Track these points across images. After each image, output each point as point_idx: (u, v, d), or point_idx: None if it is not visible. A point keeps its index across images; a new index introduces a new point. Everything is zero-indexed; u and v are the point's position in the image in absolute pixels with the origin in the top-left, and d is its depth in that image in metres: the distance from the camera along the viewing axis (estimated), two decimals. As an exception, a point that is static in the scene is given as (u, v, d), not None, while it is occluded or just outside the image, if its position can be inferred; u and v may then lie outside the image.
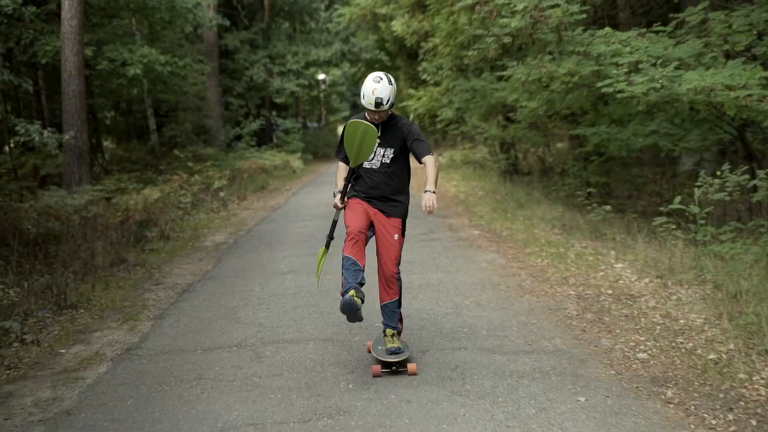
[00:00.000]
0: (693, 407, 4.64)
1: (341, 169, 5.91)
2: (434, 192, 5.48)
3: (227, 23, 29.59)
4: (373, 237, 5.86)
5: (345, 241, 5.61)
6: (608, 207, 10.76)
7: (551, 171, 16.86)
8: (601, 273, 8.32)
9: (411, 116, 27.33)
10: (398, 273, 5.82)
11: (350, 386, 5.31)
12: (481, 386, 5.18)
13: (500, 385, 5.18)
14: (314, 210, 16.02)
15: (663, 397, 4.84)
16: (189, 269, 10.41)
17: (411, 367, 5.52)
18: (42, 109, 21.68)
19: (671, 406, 4.69)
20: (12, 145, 17.92)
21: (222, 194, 18.98)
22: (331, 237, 5.96)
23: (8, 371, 6.20)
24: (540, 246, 10.18)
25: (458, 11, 12.22)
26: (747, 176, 7.59)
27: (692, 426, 4.37)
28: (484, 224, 12.84)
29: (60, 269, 9.46)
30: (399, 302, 5.87)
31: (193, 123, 28.09)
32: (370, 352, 5.93)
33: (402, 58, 31.16)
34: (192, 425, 4.79)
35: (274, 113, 37.03)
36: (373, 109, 5.58)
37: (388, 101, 5.55)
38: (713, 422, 4.41)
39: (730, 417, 4.45)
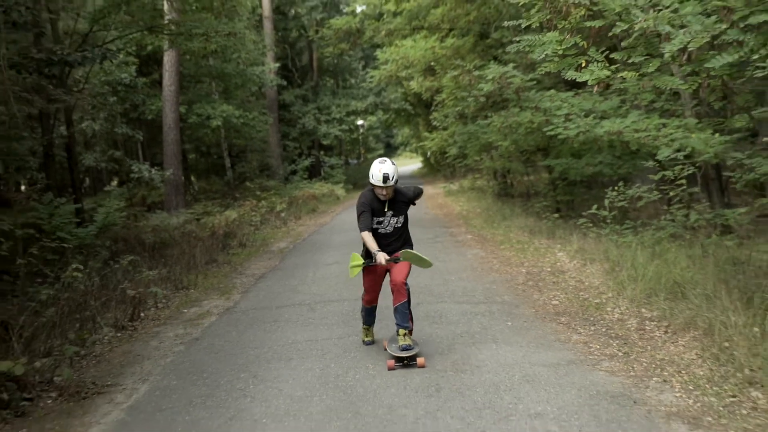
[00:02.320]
0: (573, 325, 6.49)
1: (369, 237, 5.75)
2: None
3: (284, 83, 30.96)
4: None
5: (363, 298, 6.28)
6: (556, 215, 12.42)
7: (532, 193, 18.25)
8: (547, 259, 10.06)
9: (429, 154, 28.87)
10: (406, 284, 5.84)
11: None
12: (450, 319, 7.03)
13: (462, 318, 7.03)
14: (353, 225, 17.54)
15: (558, 321, 6.68)
16: (262, 265, 12.14)
17: (420, 360, 5.57)
18: (144, 153, 23.74)
19: (561, 325, 6.53)
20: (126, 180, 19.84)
21: (283, 215, 19.98)
22: (368, 264, 5.96)
23: (153, 321, 8.13)
24: (511, 244, 11.84)
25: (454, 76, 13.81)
26: (637, 190, 9.31)
27: (569, 332, 6.23)
28: (476, 231, 14.39)
29: (173, 265, 11.34)
30: (409, 303, 5.87)
31: (258, 161, 29.08)
32: (386, 349, 5.89)
33: (420, 108, 32.53)
34: (274, 342, 6.69)
35: (322, 152, 37.73)
36: (382, 184, 5.66)
37: (393, 177, 5.64)
38: (581, 330, 6.26)
39: (592, 328, 6.30)
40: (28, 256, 8.21)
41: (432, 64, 19.47)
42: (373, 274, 6.07)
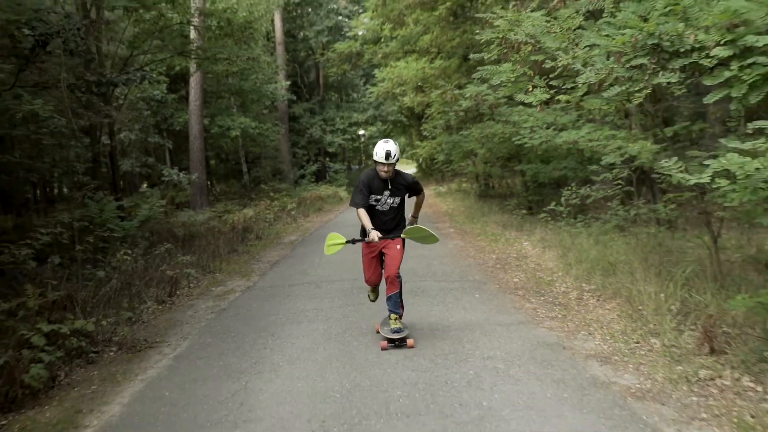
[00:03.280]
0: (528, 296, 7.27)
1: (364, 214, 5.67)
2: (417, 218, 6.25)
3: (294, 98, 31.62)
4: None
5: (365, 280, 6.11)
6: (524, 211, 13.19)
7: (508, 194, 18.96)
8: (514, 247, 10.83)
9: (420, 159, 29.52)
10: (399, 275, 5.78)
11: (363, 295, 7.94)
12: (430, 293, 7.81)
13: (440, 293, 7.81)
14: (353, 221, 18.31)
15: (517, 293, 7.47)
16: (276, 254, 12.89)
17: (409, 342, 5.60)
18: (172, 159, 24.46)
19: (518, 296, 7.32)
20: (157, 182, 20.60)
21: (293, 213, 20.49)
22: (353, 242, 5.89)
23: (187, 297, 8.89)
24: (486, 236, 12.59)
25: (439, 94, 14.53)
26: (587, 190, 10.12)
27: (523, 302, 7.02)
28: (458, 226, 15.14)
29: (201, 253, 12.05)
30: (400, 293, 5.84)
31: (271, 167, 29.61)
32: (378, 332, 5.99)
33: (413, 120, 33.12)
34: (287, 310, 7.47)
35: (327, 159, 38.18)
36: (384, 161, 5.54)
37: (394, 155, 5.53)
38: (533, 300, 7.05)
39: (542, 298, 7.10)
40: (84, 243, 9.01)
41: (419, 84, 20.07)
42: (367, 257, 5.99)
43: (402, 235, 5.75)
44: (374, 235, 5.52)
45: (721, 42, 3.82)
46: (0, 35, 7.78)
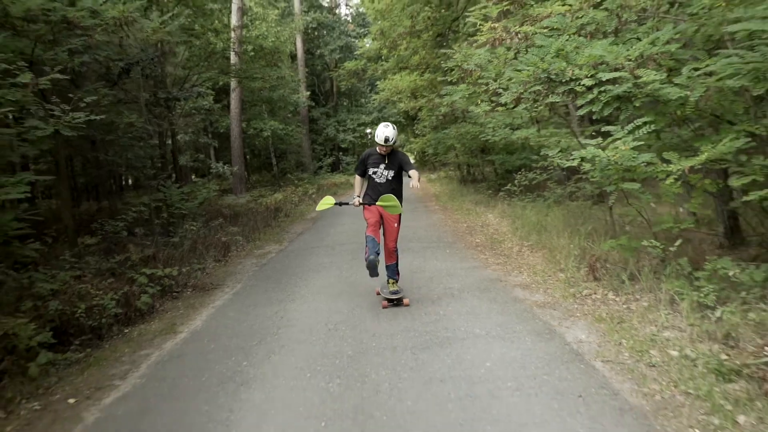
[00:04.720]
0: (484, 251, 8.38)
1: (358, 182, 5.83)
2: (417, 176, 5.43)
3: (313, 104, 32.36)
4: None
5: (366, 227, 5.69)
6: (490, 190, 14.24)
7: (481, 179, 19.94)
8: (481, 218, 11.89)
9: (415, 153, 30.50)
10: (396, 248, 5.85)
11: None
12: (414, 250, 8.89)
13: (421, 249, 8.90)
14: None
15: (476, 249, 8.57)
16: (300, 227, 13.94)
17: (405, 301, 5.68)
18: (216, 155, 25.52)
19: (477, 251, 8.43)
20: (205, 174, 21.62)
21: (313, 196, 21.15)
22: (340, 204, 5.88)
23: (236, 257, 10.05)
24: (461, 211, 13.61)
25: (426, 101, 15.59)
26: (534, 174, 11.20)
27: (479, 254, 8.14)
28: (441, 204, 16.13)
29: (243, 227, 13.18)
30: (397, 263, 5.92)
31: (295, 160, 30.58)
32: (378, 294, 6.10)
33: (408, 121, 34.11)
34: (310, 264, 8.60)
35: (340, 153, 38.78)
36: (382, 143, 5.49)
37: (392, 139, 5.45)
38: (487, 253, 8.14)
39: (493, 252, 8.24)
40: (160, 219, 10.17)
41: (408, 96, 20.98)
42: (367, 211, 5.84)
43: (377, 203, 5.67)
44: (356, 200, 5.75)
45: (588, 75, 4.91)
46: (98, 67, 8.89)
